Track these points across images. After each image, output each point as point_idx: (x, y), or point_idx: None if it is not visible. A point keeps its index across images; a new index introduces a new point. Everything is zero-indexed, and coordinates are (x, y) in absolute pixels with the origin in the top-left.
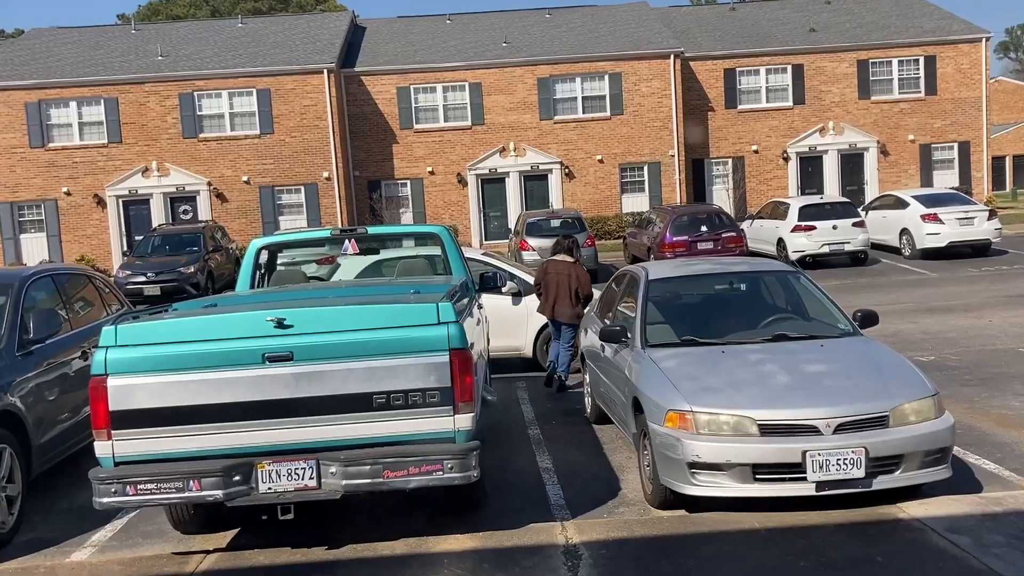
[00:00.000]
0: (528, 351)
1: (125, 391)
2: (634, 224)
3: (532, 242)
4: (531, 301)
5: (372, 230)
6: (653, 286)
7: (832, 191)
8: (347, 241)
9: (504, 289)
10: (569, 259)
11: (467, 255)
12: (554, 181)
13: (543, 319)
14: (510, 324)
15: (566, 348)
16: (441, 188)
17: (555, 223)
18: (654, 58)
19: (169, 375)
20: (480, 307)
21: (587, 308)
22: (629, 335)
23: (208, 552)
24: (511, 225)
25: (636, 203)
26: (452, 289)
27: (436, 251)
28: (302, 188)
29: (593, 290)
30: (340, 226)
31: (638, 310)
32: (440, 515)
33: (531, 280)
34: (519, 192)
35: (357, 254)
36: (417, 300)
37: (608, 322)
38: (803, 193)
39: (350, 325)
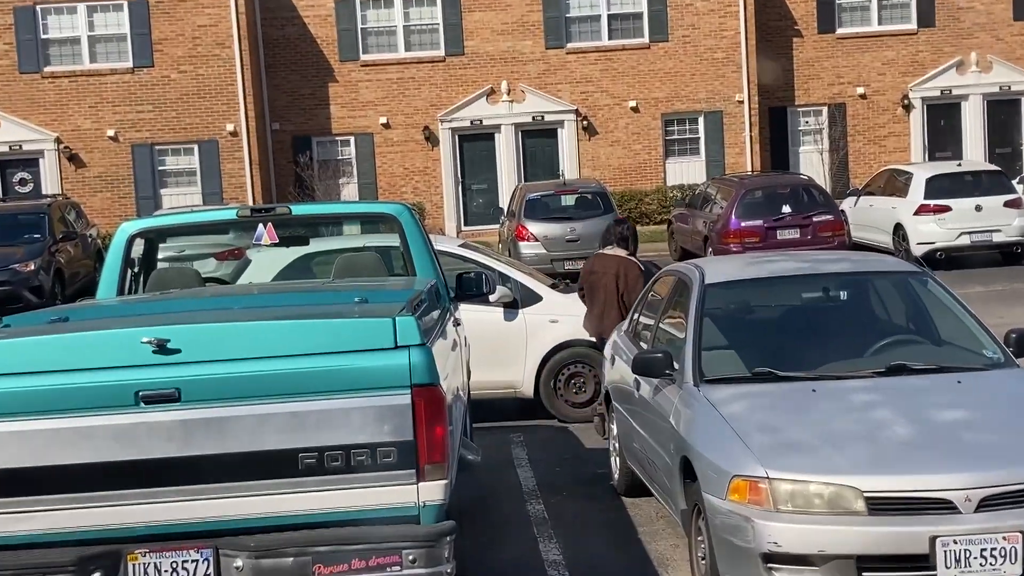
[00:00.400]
0: (527, 389)
1: None
2: (684, 203)
3: (534, 228)
4: (532, 315)
5: (298, 210)
6: (711, 294)
7: (975, 155)
8: (261, 226)
9: (493, 297)
10: (621, 253)
11: (438, 247)
12: (566, 139)
13: (548, 342)
14: (501, 349)
15: None
16: (400, 148)
17: (567, 200)
18: None
19: None
20: (458, 323)
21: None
22: (676, 366)
23: None
24: (503, 203)
25: (687, 172)
26: (416, 297)
27: (392, 241)
28: (195, 147)
29: None
30: (251, 204)
31: (689, 329)
32: None
33: (532, 283)
34: (515, 155)
35: (276, 245)
36: (364, 313)
37: (645, 346)
38: (932, 158)
39: (265, 350)
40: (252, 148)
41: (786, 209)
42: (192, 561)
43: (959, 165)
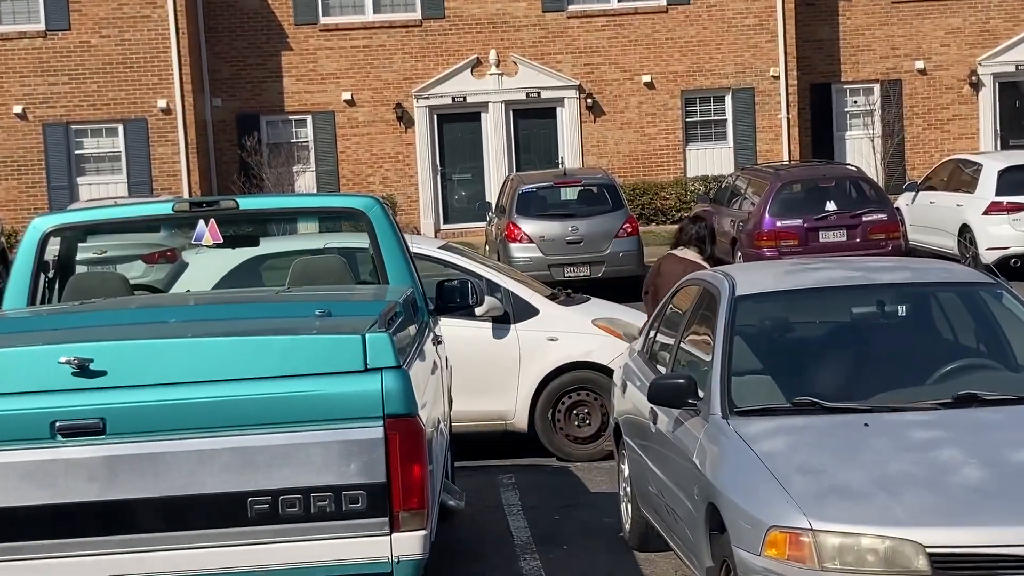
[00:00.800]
0: (520, 420)
1: None
2: (707, 198)
3: (527, 227)
4: (527, 332)
5: (247, 203)
6: (743, 308)
7: None
8: (202, 223)
9: (480, 310)
10: (693, 256)
11: (415, 249)
12: (567, 120)
13: (545, 364)
14: (489, 372)
15: None
16: (367, 130)
17: (568, 194)
18: None
19: None
20: (438, 341)
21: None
22: (701, 394)
23: None
24: (490, 197)
25: (711, 160)
26: (389, 309)
27: (360, 241)
28: (120, 127)
29: (635, 314)
30: (187, 196)
31: (716, 349)
32: None
33: (526, 293)
34: (505, 139)
35: (219, 246)
36: (327, 328)
37: (664, 370)
38: (1006, 146)
39: (207, 373)
40: (188, 128)
41: (830, 206)
42: None
43: None
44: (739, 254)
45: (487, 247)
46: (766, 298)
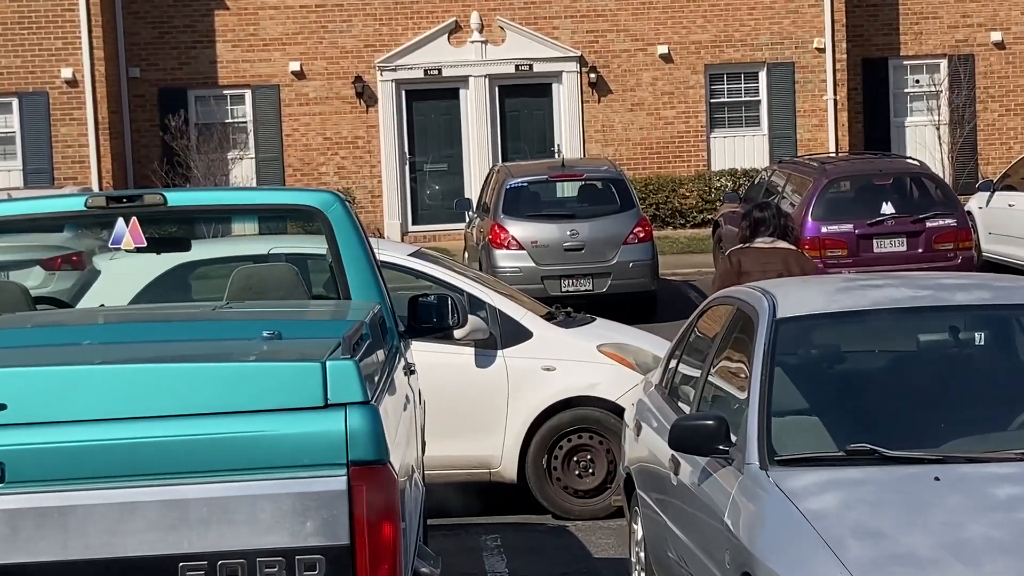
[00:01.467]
0: (508, 468)
1: None
2: (737, 196)
3: (517, 230)
4: (518, 359)
5: (177, 198)
6: (786, 332)
7: None
8: (122, 222)
9: (461, 332)
10: (787, 245)
11: (381, 257)
12: (566, 99)
13: (540, 399)
14: (471, 409)
15: None
16: (319, 108)
17: (566, 189)
18: None
19: None
20: (411, 371)
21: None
22: (734, 438)
23: None
24: (471, 192)
25: (741, 151)
26: (354, 330)
27: (312, 246)
28: (14, 102)
29: (657, 340)
30: (99, 188)
31: (753, 384)
32: None
33: (516, 311)
34: (489, 121)
35: (141, 250)
36: (278, 354)
37: (688, 409)
38: None
39: (128, 407)
40: (99, 104)
41: (887, 209)
42: None
43: None
44: None
45: (467, 254)
46: (814, 321)
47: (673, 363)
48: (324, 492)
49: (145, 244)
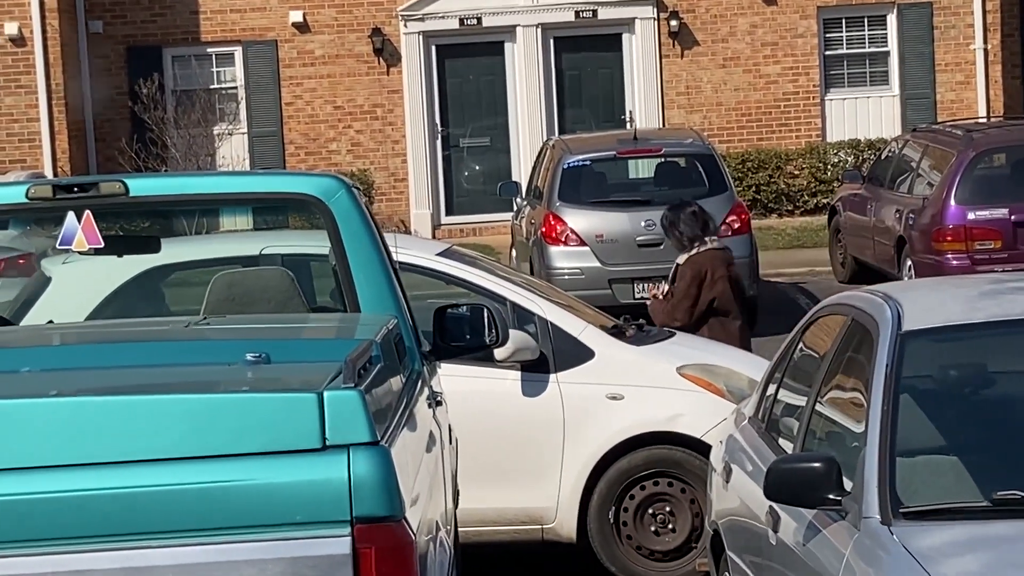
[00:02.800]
0: (566, 523)
1: None
2: (859, 174)
3: (577, 221)
4: (575, 384)
5: (140, 186)
6: (913, 349)
7: None
8: (72, 216)
9: (503, 352)
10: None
11: (403, 257)
12: (638, 53)
13: (605, 436)
14: (518, 448)
15: None
16: (328, 69)
17: (641, 168)
18: None
19: None
20: (437, 402)
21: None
22: (847, 485)
23: None
24: (519, 174)
25: (866, 116)
26: (360, 351)
27: (314, 246)
28: None
29: (754, 360)
30: (52, 175)
31: (872, 415)
32: None
33: (573, 325)
34: (542, 83)
35: (98, 252)
36: (265, 383)
37: (790, 447)
38: None
39: (78, 450)
40: (52, 68)
41: None
42: None
43: None
44: (908, 262)
45: (514, 252)
46: (950, 335)
47: (772, 389)
48: (323, 557)
49: (102, 244)
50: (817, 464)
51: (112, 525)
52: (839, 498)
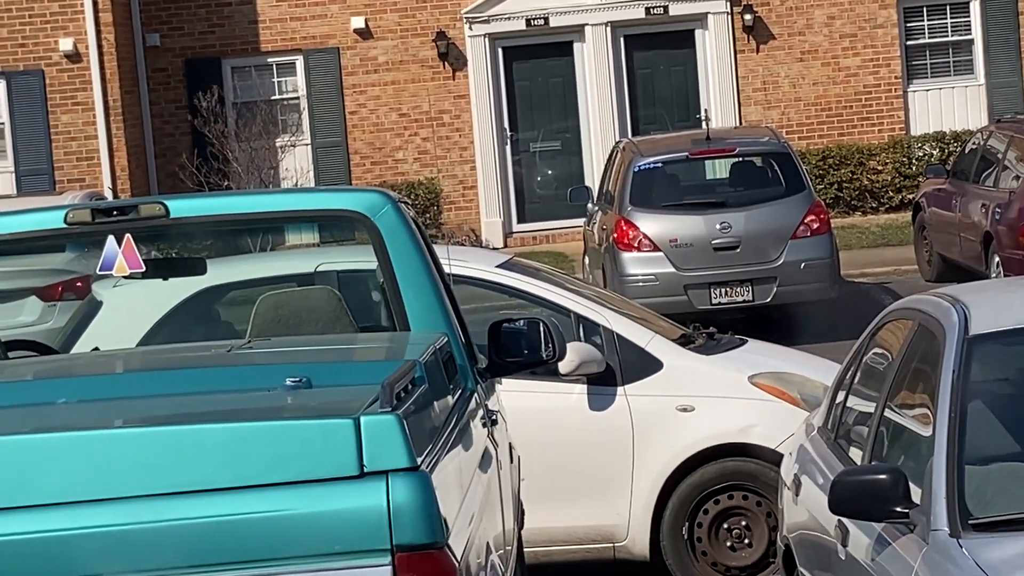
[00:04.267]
0: (638, 540)
1: None
2: (944, 168)
3: (649, 226)
4: (644, 397)
5: (181, 207)
6: (982, 354)
7: None
8: (112, 241)
9: (567, 365)
10: None
11: (460, 270)
12: (712, 48)
13: (676, 449)
14: (586, 464)
15: None
16: (392, 75)
17: (715, 170)
18: None
19: None
20: (492, 421)
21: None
22: (916, 496)
23: None
24: (591, 178)
25: (950, 107)
26: (401, 373)
27: (362, 261)
28: (1, 84)
29: (828, 366)
30: (111, 191)
31: (940, 423)
32: None
33: (641, 336)
34: (614, 83)
35: (140, 276)
36: (302, 409)
37: (860, 458)
38: None
39: (109, 484)
40: (109, 83)
41: None
42: None
43: None
44: (996, 259)
45: (587, 259)
46: (1020, 337)
47: (841, 396)
48: None
49: (143, 268)
50: (883, 476)
51: (145, 561)
52: (906, 511)
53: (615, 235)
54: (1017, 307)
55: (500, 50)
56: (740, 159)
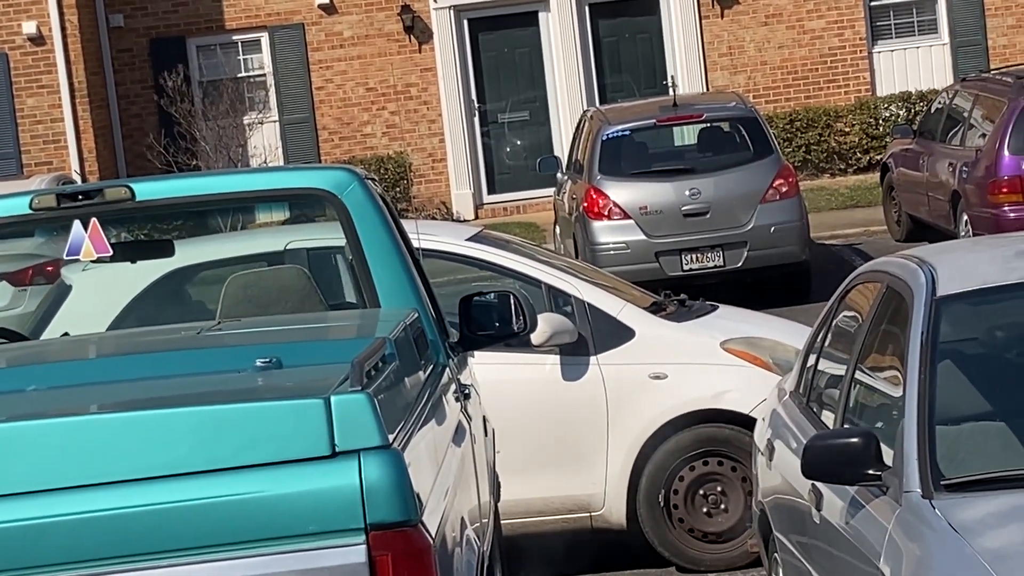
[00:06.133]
0: (615, 509)
1: None
2: (911, 128)
3: (619, 194)
4: (616, 365)
5: (146, 190)
6: (950, 314)
7: None
8: (79, 225)
9: (539, 336)
10: None
11: (431, 244)
12: (677, 16)
13: (649, 416)
14: (560, 434)
15: None
16: (358, 50)
17: (683, 135)
18: None
19: None
20: (464, 395)
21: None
22: (888, 459)
23: None
24: (560, 148)
25: (915, 66)
26: (370, 351)
27: (330, 238)
28: None
29: (800, 330)
30: (83, 175)
31: (909, 385)
32: None
33: (612, 305)
34: (580, 51)
35: (107, 260)
36: (272, 390)
37: (832, 421)
38: None
39: (81, 471)
40: (74, 65)
41: None
42: None
43: None
44: (965, 217)
45: (558, 228)
46: (987, 297)
47: (812, 360)
48: (339, 567)
49: (110, 252)
50: (854, 439)
51: (118, 546)
52: (879, 473)
53: (585, 204)
54: (983, 267)
55: (465, 22)
56: (708, 125)
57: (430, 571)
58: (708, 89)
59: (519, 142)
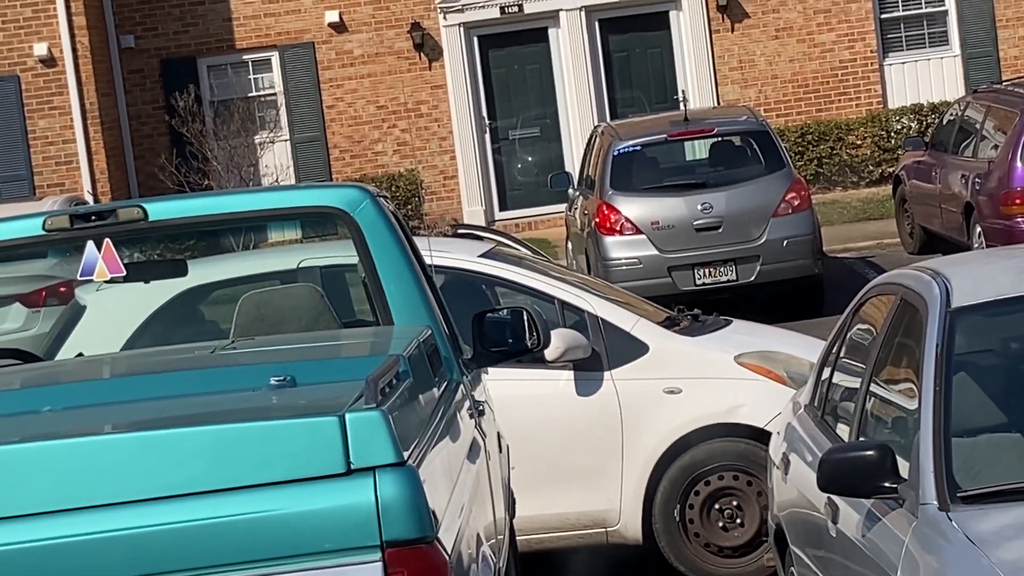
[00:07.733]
0: (631, 524)
1: None
2: (923, 140)
3: (630, 209)
4: (631, 381)
5: (158, 210)
6: (966, 326)
7: None
8: (91, 247)
9: (552, 352)
10: None
11: (443, 261)
12: (687, 29)
13: (664, 432)
14: (575, 450)
15: None
16: (368, 68)
17: (694, 150)
18: None
19: None
20: (479, 411)
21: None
22: (904, 471)
23: None
24: (572, 164)
25: (926, 79)
26: (384, 369)
27: (342, 256)
28: None
29: (814, 344)
30: (96, 196)
31: (924, 397)
32: None
33: (625, 320)
34: (590, 67)
35: (120, 280)
36: (286, 408)
37: (847, 434)
38: None
39: (95, 491)
40: (85, 87)
41: None
42: None
43: None
44: (978, 229)
45: (570, 244)
46: (1002, 308)
47: (826, 373)
48: None
49: (124, 273)
50: (870, 452)
51: (134, 566)
52: (895, 486)
53: (597, 219)
54: (997, 278)
55: (475, 39)
56: (719, 139)
57: None
58: (719, 103)
59: (530, 158)
